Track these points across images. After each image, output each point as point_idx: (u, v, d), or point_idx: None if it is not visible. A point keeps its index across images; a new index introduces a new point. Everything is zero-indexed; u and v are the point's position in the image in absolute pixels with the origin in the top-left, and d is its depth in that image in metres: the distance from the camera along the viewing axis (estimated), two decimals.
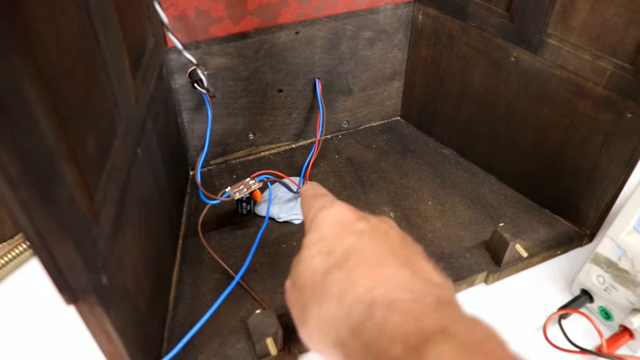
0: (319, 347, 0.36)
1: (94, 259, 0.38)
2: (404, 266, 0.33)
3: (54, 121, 0.32)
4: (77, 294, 0.36)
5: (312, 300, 0.35)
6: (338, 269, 0.34)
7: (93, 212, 0.38)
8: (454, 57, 0.78)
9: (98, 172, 0.41)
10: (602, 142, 0.64)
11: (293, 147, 0.88)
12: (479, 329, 0.28)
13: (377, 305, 0.31)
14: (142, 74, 0.56)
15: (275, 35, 0.74)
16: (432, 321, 0.28)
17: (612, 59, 0.59)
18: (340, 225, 0.37)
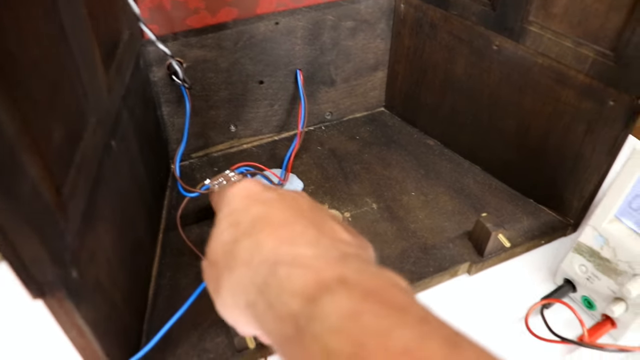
0: (233, 314, 0.36)
1: (61, 253, 0.37)
2: (310, 225, 0.34)
3: (14, 114, 0.31)
4: (44, 288, 0.35)
5: (223, 270, 0.35)
6: (247, 236, 0.34)
7: (60, 205, 0.38)
8: (436, 46, 0.77)
9: (66, 165, 0.40)
10: (585, 131, 0.63)
11: (275, 139, 0.87)
12: (382, 279, 0.28)
13: (280, 262, 0.31)
14: (117, 65, 0.55)
15: (254, 26, 0.73)
16: (332, 273, 0.28)
17: (593, 45, 0.58)
18: (247, 197, 0.38)
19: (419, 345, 0.23)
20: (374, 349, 0.24)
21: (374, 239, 0.68)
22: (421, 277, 0.64)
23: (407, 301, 0.26)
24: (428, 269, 0.65)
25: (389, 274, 0.30)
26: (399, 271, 0.62)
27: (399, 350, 0.23)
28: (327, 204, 0.74)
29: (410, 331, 0.24)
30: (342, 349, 0.24)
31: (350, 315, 0.25)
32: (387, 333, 0.24)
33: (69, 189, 0.40)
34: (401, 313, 0.25)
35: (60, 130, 0.39)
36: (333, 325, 0.25)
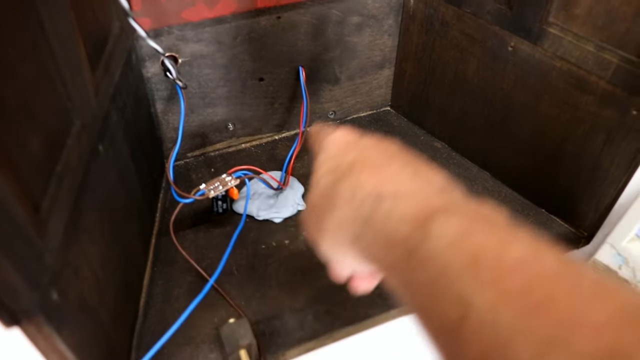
0: (339, 252, 0.37)
1: (39, 276, 0.34)
2: (407, 166, 0.35)
3: None
4: (17, 316, 0.33)
5: (326, 212, 0.36)
6: (346, 178, 0.35)
7: (38, 223, 0.35)
8: (447, 45, 0.73)
9: (45, 177, 0.38)
10: (604, 140, 0.60)
11: (275, 138, 0.84)
12: (485, 207, 0.29)
13: (384, 196, 0.32)
14: (105, 63, 0.51)
15: (254, 20, 0.70)
16: (437, 201, 0.30)
17: (618, 51, 0.55)
18: (344, 144, 0.39)
19: (534, 258, 0.24)
20: (489, 261, 0.24)
21: None
22: None
23: (513, 225, 0.27)
24: None
25: (490, 204, 0.30)
26: None
27: (513, 263, 0.24)
28: None
29: (523, 247, 0.25)
30: (458, 262, 0.25)
31: (463, 234, 0.26)
32: (501, 247, 0.25)
33: (48, 204, 0.37)
34: (512, 233, 0.26)
35: (38, 139, 0.36)
36: (446, 243, 0.26)
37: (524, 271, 0.23)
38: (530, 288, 0.22)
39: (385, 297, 0.60)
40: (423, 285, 0.27)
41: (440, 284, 0.26)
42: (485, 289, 0.24)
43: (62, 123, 0.41)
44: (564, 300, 0.21)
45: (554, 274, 0.23)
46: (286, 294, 0.60)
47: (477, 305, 0.23)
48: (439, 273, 0.26)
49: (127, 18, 0.54)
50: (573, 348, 0.20)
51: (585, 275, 0.23)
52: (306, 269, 0.64)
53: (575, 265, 0.23)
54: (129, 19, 0.52)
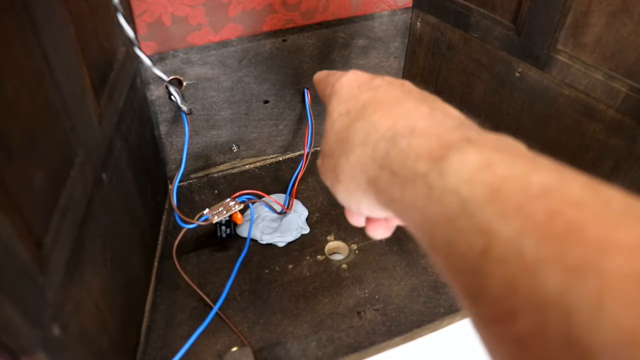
0: (356, 197, 0.36)
1: (39, 313, 0.34)
2: (421, 103, 0.34)
3: None
4: (17, 354, 0.32)
5: (340, 156, 0.36)
6: (359, 119, 0.35)
7: (40, 260, 0.34)
8: (454, 69, 0.73)
9: (48, 212, 0.37)
10: (612, 169, 0.59)
11: (280, 160, 0.83)
12: (504, 138, 0.28)
13: (399, 135, 0.31)
14: (109, 90, 0.51)
15: (260, 43, 0.69)
16: (455, 135, 0.29)
17: (627, 80, 0.54)
18: (356, 86, 0.38)
19: (559, 185, 0.23)
20: (511, 192, 0.24)
21: (381, 275, 0.65)
22: (432, 318, 0.60)
23: (535, 155, 0.26)
24: (439, 310, 0.61)
25: (509, 138, 0.29)
26: (408, 311, 0.59)
27: (537, 191, 0.23)
28: (333, 235, 0.70)
29: (547, 175, 0.24)
30: (479, 196, 0.24)
31: (483, 166, 0.25)
32: (524, 177, 0.24)
33: (51, 238, 0.36)
34: (533, 162, 0.25)
35: (42, 174, 0.36)
36: (466, 176, 0.26)
37: (548, 198, 0.22)
38: (556, 214, 0.22)
39: (389, 324, 0.59)
40: (443, 221, 0.26)
41: (461, 217, 0.25)
42: (508, 218, 0.23)
43: (65, 155, 0.40)
44: (591, 225, 0.21)
45: (581, 199, 0.22)
46: (289, 320, 0.60)
47: (500, 235, 0.23)
48: (460, 206, 0.25)
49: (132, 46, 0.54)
50: (603, 273, 0.20)
51: (614, 199, 0.22)
52: (309, 294, 0.63)
53: (604, 189, 0.23)
54: (134, 48, 0.52)
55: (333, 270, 0.66)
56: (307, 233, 0.71)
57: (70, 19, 0.41)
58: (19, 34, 0.34)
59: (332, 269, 0.66)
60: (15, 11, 0.33)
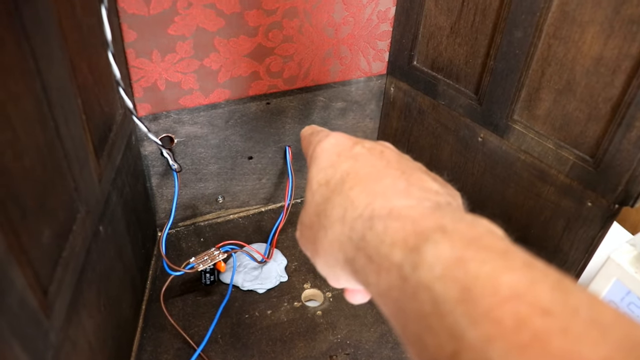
0: (334, 271, 0.36)
1: (43, 354, 0.37)
2: (400, 177, 0.33)
3: (4, 229, 0.32)
4: None
5: (319, 231, 0.35)
6: (337, 194, 0.34)
7: (45, 307, 0.38)
8: (423, 131, 0.79)
9: (53, 264, 0.41)
10: (564, 227, 0.64)
11: (262, 210, 0.88)
12: (479, 225, 0.28)
13: (376, 216, 0.31)
14: (109, 150, 0.56)
15: (246, 105, 0.74)
16: (430, 222, 0.28)
17: (573, 149, 0.60)
18: (336, 154, 0.37)
19: (529, 289, 0.22)
20: (482, 293, 0.23)
21: (353, 321, 0.69)
22: None
23: (508, 247, 0.26)
24: (406, 356, 0.65)
25: (484, 221, 0.29)
26: (377, 355, 0.63)
27: (507, 295, 0.23)
28: (309, 283, 0.75)
29: (518, 275, 0.23)
30: (450, 295, 0.24)
31: (455, 263, 0.25)
32: (494, 278, 0.23)
33: (55, 287, 0.40)
34: (505, 258, 0.25)
35: (49, 230, 0.40)
36: (438, 272, 0.25)
37: (517, 302, 0.22)
38: (524, 322, 0.21)
39: None
40: (415, 317, 0.26)
41: (434, 316, 0.25)
42: (478, 323, 0.23)
43: (69, 212, 0.45)
44: (557, 338, 0.20)
45: (549, 306, 0.21)
46: None
47: (470, 341, 0.23)
48: (432, 305, 0.25)
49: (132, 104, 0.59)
50: None
51: (582, 306, 0.22)
52: (286, 338, 0.67)
53: (573, 292, 0.22)
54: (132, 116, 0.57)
55: (308, 316, 0.70)
56: (286, 281, 0.75)
57: (78, 92, 0.47)
58: (38, 113, 0.39)
59: (308, 315, 0.70)
60: (35, 93, 0.38)
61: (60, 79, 0.42)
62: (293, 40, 0.72)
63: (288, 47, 0.72)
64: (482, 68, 0.67)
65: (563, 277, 0.23)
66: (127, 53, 0.62)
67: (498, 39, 0.63)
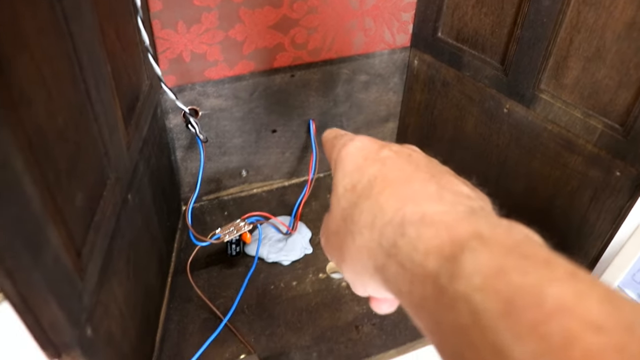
0: (362, 279, 0.34)
1: (78, 315, 0.38)
2: (430, 181, 0.32)
3: (41, 187, 0.32)
4: (60, 349, 0.36)
5: (346, 236, 0.34)
6: (365, 199, 0.33)
7: (79, 268, 0.39)
8: (448, 103, 0.78)
9: (86, 227, 0.41)
10: (591, 198, 0.64)
11: (285, 185, 0.88)
12: (516, 232, 0.27)
13: (407, 222, 0.29)
14: (136, 119, 0.56)
15: (270, 78, 0.75)
16: (466, 228, 0.27)
17: (602, 118, 0.60)
18: (362, 158, 0.36)
19: (576, 302, 0.21)
20: (526, 306, 0.22)
21: None
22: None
23: (549, 255, 0.25)
24: None
25: (521, 227, 0.28)
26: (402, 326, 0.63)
27: (554, 308, 0.21)
28: None
29: (564, 287, 0.22)
30: (492, 308, 0.23)
31: (496, 273, 0.24)
32: (539, 290, 0.22)
33: (88, 250, 0.41)
34: (548, 267, 0.23)
35: (82, 194, 0.41)
36: (478, 283, 0.24)
37: (565, 316, 0.21)
38: (574, 339, 0.20)
39: (384, 337, 0.64)
40: (454, 330, 0.25)
41: (474, 330, 0.23)
42: (524, 339, 0.21)
43: (100, 177, 0.45)
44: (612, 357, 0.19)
45: (600, 321, 0.20)
46: (292, 332, 0.64)
47: (515, 357, 0.21)
48: (472, 318, 0.23)
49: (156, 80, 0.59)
50: None
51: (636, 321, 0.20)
52: (311, 309, 0.68)
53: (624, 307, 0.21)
54: (160, 83, 0.57)
55: (333, 287, 0.71)
56: (310, 253, 0.75)
57: (107, 58, 0.47)
58: (69, 74, 0.39)
59: (333, 286, 0.71)
60: (67, 55, 0.39)
61: (90, 43, 0.43)
62: (318, 12, 0.71)
63: (313, 18, 0.72)
64: (509, 37, 0.66)
65: (611, 289, 0.22)
66: (153, 24, 0.62)
67: (525, 7, 0.63)
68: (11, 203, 0.28)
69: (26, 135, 0.31)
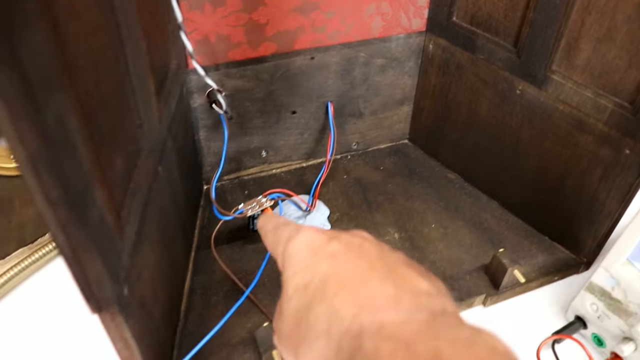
0: None
1: (118, 272, 0.40)
2: (386, 279, 0.31)
3: (89, 148, 0.35)
4: (101, 304, 0.39)
5: (301, 342, 0.32)
6: (319, 302, 0.32)
7: (119, 228, 0.41)
8: (462, 86, 0.81)
9: (124, 192, 0.44)
10: (600, 176, 0.66)
11: (304, 165, 0.91)
12: (480, 347, 0.26)
13: (365, 333, 0.28)
14: (165, 96, 0.59)
15: (291, 60, 0.77)
16: (425, 346, 0.26)
17: (612, 97, 0.62)
18: (311, 253, 0.35)
19: None
20: None
21: None
22: None
23: None
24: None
25: (484, 335, 0.27)
26: None
27: None
28: None
29: None
30: None
31: None
32: None
33: (126, 212, 0.43)
34: None
35: (120, 159, 0.43)
36: None
37: None
38: None
39: None
40: None
41: None
42: None
43: (135, 148, 0.48)
44: None
45: None
46: None
47: None
48: None
49: (183, 56, 0.62)
50: None
51: None
52: None
53: None
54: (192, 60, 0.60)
55: None
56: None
57: (143, 35, 0.50)
58: (112, 46, 0.42)
59: None
60: (110, 28, 0.42)
61: (130, 19, 0.45)
62: None
63: (332, 2, 0.74)
64: (522, 20, 0.68)
65: None
66: (181, 5, 0.65)
67: None
68: (67, 159, 0.31)
69: (78, 98, 0.33)
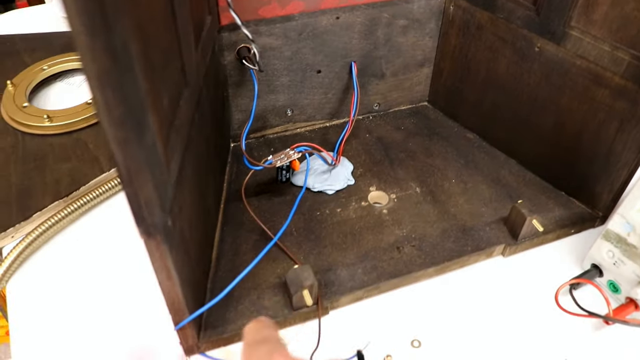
0: None
1: (164, 201, 0.43)
2: None
3: (146, 76, 0.38)
4: (150, 229, 0.42)
5: None
6: None
7: (167, 159, 0.44)
8: (481, 46, 0.83)
9: (169, 125, 0.47)
10: (617, 129, 0.68)
11: (327, 125, 0.94)
12: None
13: None
14: (202, 47, 0.62)
15: (317, 19, 0.79)
16: None
17: (630, 50, 0.63)
18: None
19: None
20: None
21: (418, 219, 0.75)
22: (460, 254, 0.70)
23: None
24: (466, 248, 0.71)
25: None
26: (440, 247, 0.67)
27: None
28: (374, 186, 0.80)
29: None
30: None
31: None
32: None
33: (171, 147, 0.46)
34: None
35: (167, 96, 0.46)
36: None
37: None
38: None
39: (424, 257, 0.69)
40: None
41: None
42: None
43: (178, 89, 0.51)
44: None
45: None
46: (338, 252, 0.69)
47: None
48: None
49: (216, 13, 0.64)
50: None
51: None
52: (355, 232, 0.73)
53: None
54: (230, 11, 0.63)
55: (375, 214, 0.76)
56: (353, 184, 0.81)
57: None
58: None
59: (375, 212, 0.76)
60: None
61: None
62: None
63: None
64: None
65: None
66: None
67: None
68: (129, 82, 0.34)
69: (137, 28, 0.36)
